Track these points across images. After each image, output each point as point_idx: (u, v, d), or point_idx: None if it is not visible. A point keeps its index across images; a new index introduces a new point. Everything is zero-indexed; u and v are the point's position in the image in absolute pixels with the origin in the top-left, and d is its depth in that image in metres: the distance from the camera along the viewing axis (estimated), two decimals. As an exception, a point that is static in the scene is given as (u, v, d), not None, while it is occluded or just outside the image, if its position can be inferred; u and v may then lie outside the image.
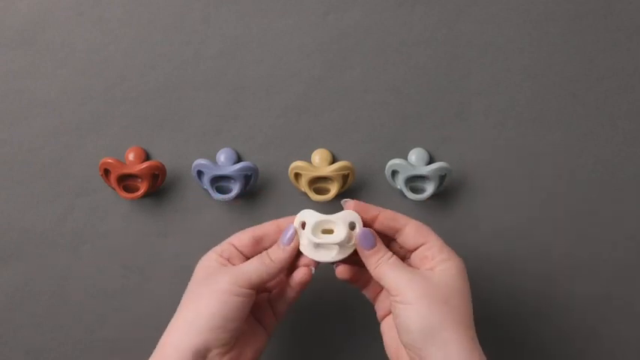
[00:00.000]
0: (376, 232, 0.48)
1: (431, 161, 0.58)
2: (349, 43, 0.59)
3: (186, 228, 0.58)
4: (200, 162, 0.55)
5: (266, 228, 0.50)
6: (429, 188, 0.55)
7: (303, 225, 0.48)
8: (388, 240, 0.49)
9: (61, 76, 0.60)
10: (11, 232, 0.59)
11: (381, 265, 0.46)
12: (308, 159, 0.58)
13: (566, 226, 0.58)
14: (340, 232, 0.47)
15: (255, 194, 0.58)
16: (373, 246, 0.47)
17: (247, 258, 0.49)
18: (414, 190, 0.56)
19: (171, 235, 0.58)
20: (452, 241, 0.57)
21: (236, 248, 0.49)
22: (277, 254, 0.48)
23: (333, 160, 0.58)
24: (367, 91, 0.59)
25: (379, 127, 0.59)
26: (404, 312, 0.44)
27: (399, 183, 0.56)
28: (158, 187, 0.58)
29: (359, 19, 0.59)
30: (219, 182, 0.56)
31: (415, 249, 0.47)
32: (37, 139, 0.59)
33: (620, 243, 0.57)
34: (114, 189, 0.57)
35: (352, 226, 0.48)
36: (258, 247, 0.49)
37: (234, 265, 0.48)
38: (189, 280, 0.48)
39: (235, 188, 0.55)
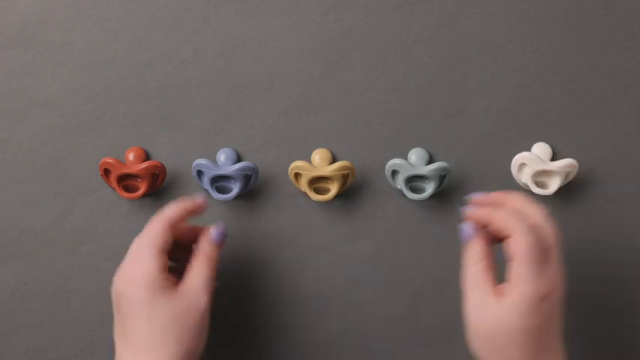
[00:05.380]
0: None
1: (431, 161, 0.58)
2: (349, 42, 0.59)
3: (186, 228, 0.58)
4: (200, 162, 0.55)
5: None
6: (429, 188, 0.55)
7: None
8: None
9: (60, 76, 0.59)
10: (11, 232, 0.59)
11: (467, 268, 0.46)
12: (308, 159, 0.58)
13: (565, 226, 0.57)
14: None
15: (255, 194, 0.59)
16: (469, 239, 0.47)
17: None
18: (414, 190, 0.56)
19: (171, 235, 0.58)
20: (451, 241, 0.57)
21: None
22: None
23: (333, 160, 0.58)
24: (367, 91, 0.59)
25: (379, 127, 0.59)
26: (467, 333, 0.45)
27: (399, 183, 0.56)
28: (158, 187, 0.58)
29: (359, 19, 0.59)
30: (219, 182, 0.56)
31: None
32: (37, 138, 0.59)
33: (620, 243, 0.57)
34: (114, 189, 0.57)
35: None
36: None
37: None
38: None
39: (235, 188, 0.55)
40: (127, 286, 0.47)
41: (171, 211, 0.50)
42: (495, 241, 0.48)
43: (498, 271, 0.46)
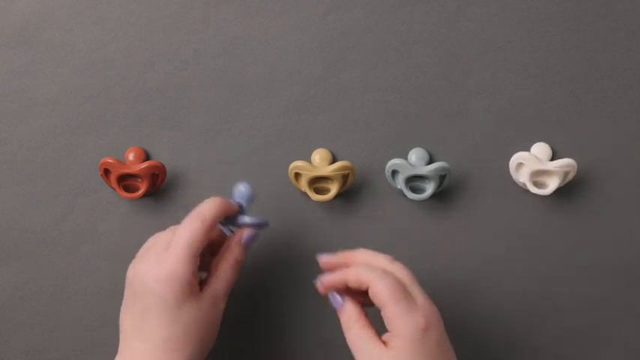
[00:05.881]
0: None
1: (431, 161, 0.58)
2: (349, 42, 0.59)
3: (186, 228, 0.58)
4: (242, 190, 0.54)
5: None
6: (429, 188, 0.55)
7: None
8: None
9: (60, 76, 0.59)
10: (11, 232, 0.59)
11: (347, 332, 0.46)
12: (308, 159, 0.58)
13: (566, 226, 0.58)
14: None
15: (256, 194, 0.58)
16: (341, 305, 0.47)
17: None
18: (414, 190, 0.56)
19: (172, 235, 0.58)
20: (452, 241, 0.57)
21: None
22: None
23: (333, 160, 0.58)
24: (367, 91, 0.59)
25: (379, 127, 0.59)
26: None
27: (399, 183, 0.56)
28: (158, 187, 0.58)
29: (359, 19, 0.59)
30: None
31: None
32: (37, 138, 0.59)
33: (620, 243, 0.57)
34: (114, 189, 0.57)
35: None
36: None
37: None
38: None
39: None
40: (158, 283, 0.46)
41: (211, 211, 0.48)
42: (364, 302, 0.48)
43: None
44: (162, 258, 0.47)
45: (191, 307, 0.46)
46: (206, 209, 0.48)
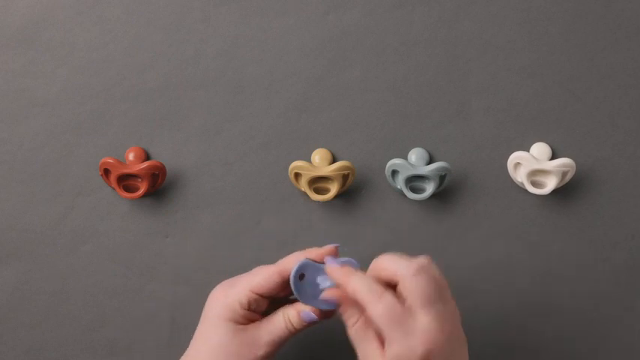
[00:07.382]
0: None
1: (431, 161, 0.58)
2: (349, 42, 0.59)
3: (186, 228, 0.58)
4: None
5: (290, 262, 0.47)
6: (429, 188, 0.55)
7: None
8: None
9: (60, 76, 0.59)
10: (11, 231, 0.59)
11: (348, 329, 0.44)
12: (308, 159, 0.58)
13: (565, 226, 0.58)
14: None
15: (256, 194, 0.58)
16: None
17: (271, 298, 0.48)
18: (414, 190, 0.56)
19: (172, 235, 0.58)
20: (451, 241, 0.57)
21: (260, 295, 0.47)
22: (299, 324, 0.47)
23: (333, 160, 0.58)
24: (367, 91, 0.59)
25: (379, 127, 0.59)
26: None
27: (399, 183, 0.56)
28: (158, 187, 0.58)
29: (359, 18, 0.59)
30: None
31: None
32: (37, 138, 0.59)
33: (620, 243, 0.57)
34: (114, 189, 0.57)
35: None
36: (284, 284, 0.47)
37: (257, 313, 0.48)
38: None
39: None
40: (209, 298, 0.48)
41: (290, 263, 0.47)
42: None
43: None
44: (226, 283, 0.49)
45: (225, 332, 0.46)
46: (289, 260, 0.47)
